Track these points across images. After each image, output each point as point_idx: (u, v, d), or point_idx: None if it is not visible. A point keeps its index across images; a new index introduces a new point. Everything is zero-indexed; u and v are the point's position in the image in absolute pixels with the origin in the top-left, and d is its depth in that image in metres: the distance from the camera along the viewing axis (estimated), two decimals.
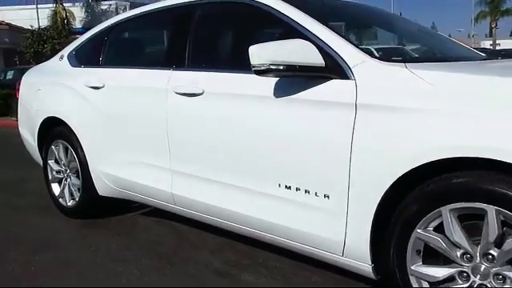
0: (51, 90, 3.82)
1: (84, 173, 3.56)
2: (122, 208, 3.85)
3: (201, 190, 2.74)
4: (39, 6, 29.34)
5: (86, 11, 31.61)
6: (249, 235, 2.63)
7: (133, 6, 21.91)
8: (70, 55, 3.84)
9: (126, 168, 3.22)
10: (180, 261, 2.92)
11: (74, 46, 3.86)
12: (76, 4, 31.32)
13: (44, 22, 26.81)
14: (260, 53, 2.10)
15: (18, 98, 4.41)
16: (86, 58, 3.71)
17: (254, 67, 2.13)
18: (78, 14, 31.05)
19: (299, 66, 2.11)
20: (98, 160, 3.42)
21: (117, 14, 21.18)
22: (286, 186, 2.31)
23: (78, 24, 30.31)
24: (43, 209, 4.05)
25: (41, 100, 3.89)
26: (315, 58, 2.12)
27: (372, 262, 2.07)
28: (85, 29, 28.73)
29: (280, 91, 2.29)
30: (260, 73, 2.15)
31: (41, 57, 19.32)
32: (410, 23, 3.22)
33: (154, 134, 2.95)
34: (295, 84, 2.24)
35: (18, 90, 4.39)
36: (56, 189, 3.93)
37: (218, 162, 2.61)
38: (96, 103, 3.36)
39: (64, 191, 3.82)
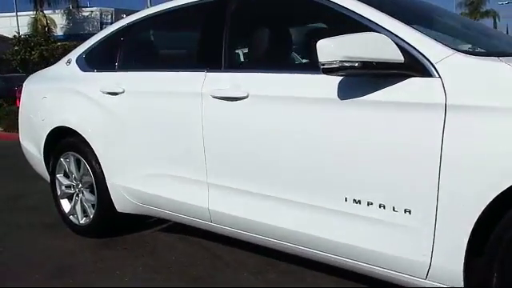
0: (59, 97, 3.49)
1: (100, 187, 3.23)
2: (138, 224, 3.53)
3: (246, 205, 2.44)
4: (18, 13, 28.68)
5: (67, 18, 31.00)
6: (304, 255, 2.34)
7: (117, 13, 21.48)
8: (79, 59, 3.51)
9: (152, 181, 2.91)
10: (219, 284, 2.62)
11: (83, 50, 3.53)
12: (56, 11, 30.65)
13: (24, 30, 26.16)
14: (332, 48, 1.82)
15: (18, 107, 4.07)
16: (98, 61, 3.38)
17: (323, 65, 1.85)
18: (59, 21, 30.43)
19: (376, 62, 1.84)
20: (118, 173, 3.09)
21: (101, 20, 20.76)
22: (354, 201, 2.03)
23: (59, 31, 29.70)
24: (50, 227, 3.70)
25: (47, 108, 3.55)
26: (394, 54, 1.85)
27: (464, 286, 1.80)
28: (66, 36, 28.33)
29: (346, 92, 2.01)
30: (329, 71, 1.87)
31: (27, 64, 18.73)
32: (466, 20, 2.96)
33: (186, 143, 2.65)
34: (364, 83, 1.96)
35: (19, 98, 4.04)
36: (66, 205, 3.59)
37: (268, 174, 2.32)
38: (114, 110, 3.04)
39: (76, 208, 3.48)
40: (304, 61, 2.64)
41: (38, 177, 3.98)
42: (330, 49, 1.82)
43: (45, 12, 29.63)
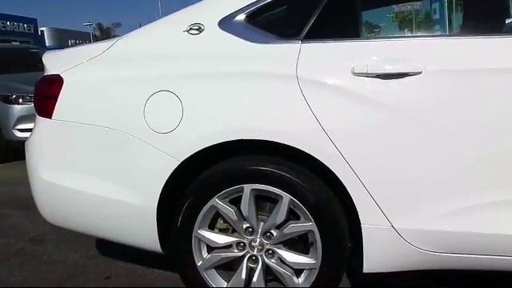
0: (230, 89, 1.92)
1: (333, 238, 1.92)
2: None
3: None
4: None
5: None
6: None
7: None
8: (233, 24, 1.98)
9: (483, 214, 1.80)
10: None
11: (237, 7, 2.01)
12: None
13: None
14: None
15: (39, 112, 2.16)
16: (304, 25, 1.93)
17: None
18: None
19: None
20: (402, 209, 1.85)
21: None
22: None
23: None
24: None
25: (184, 112, 1.91)
26: None
27: None
28: None
29: None
30: None
31: None
32: None
33: None
34: None
35: (47, 98, 2.15)
36: (217, 279, 2.06)
37: None
38: (400, 104, 1.79)
39: (253, 280, 2.01)
40: None
41: None
42: None
43: None
